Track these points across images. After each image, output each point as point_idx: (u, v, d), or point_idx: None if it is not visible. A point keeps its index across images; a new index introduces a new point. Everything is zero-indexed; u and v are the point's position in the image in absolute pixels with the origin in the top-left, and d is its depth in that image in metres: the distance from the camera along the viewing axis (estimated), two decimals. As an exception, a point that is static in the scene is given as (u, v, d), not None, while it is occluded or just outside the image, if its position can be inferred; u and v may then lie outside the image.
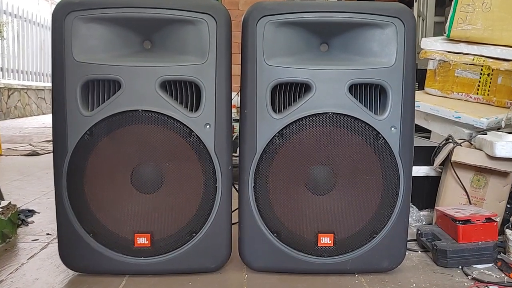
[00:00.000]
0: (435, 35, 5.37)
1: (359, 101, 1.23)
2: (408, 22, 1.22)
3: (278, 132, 1.22)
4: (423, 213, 1.76)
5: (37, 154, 3.64)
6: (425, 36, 5.25)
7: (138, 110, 1.19)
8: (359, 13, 1.22)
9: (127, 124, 1.20)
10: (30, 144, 4.27)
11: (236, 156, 1.27)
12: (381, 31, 1.23)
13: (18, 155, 3.63)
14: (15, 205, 1.61)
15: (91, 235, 1.23)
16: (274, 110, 1.23)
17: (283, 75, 1.22)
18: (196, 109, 1.22)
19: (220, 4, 1.25)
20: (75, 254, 1.25)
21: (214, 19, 1.20)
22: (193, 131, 1.21)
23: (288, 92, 1.24)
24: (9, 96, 6.72)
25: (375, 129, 1.23)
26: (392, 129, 1.24)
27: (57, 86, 1.19)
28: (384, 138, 1.23)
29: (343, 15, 1.22)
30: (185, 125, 1.20)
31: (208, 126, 1.22)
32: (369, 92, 1.24)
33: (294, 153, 1.23)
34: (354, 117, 1.22)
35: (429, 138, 2.32)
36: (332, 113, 1.22)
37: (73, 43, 1.19)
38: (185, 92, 1.22)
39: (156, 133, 1.21)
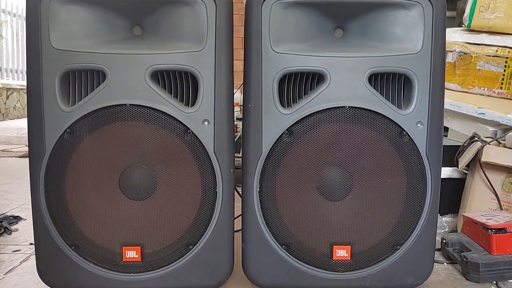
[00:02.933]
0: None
1: (380, 93, 1.07)
2: (436, 2, 1.06)
3: (287, 129, 1.06)
4: (446, 218, 1.60)
5: (32, 155, 3.50)
6: (435, 32, 5.09)
7: (125, 104, 1.03)
8: (380, -8, 1.06)
9: (113, 120, 1.04)
10: (26, 145, 4.13)
11: (239, 157, 1.11)
12: (406, 13, 1.07)
13: (12, 157, 3.49)
14: (-6, 212, 1.46)
15: (73, 248, 1.07)
16: (282, 104, 1.07)
17: (293, 63, 1.06)
18: (193, 104, 1.06)
19: (219, -18, 1.09)
20: (55, 270, 1.09)
21: (213, -1, 1.04)
22: (189, 129, 1.05)
23: (298, 83, 1.08)
24: (8, 97, 6.59)
25: (398, 125, 1.07)
26: (418, 125, 1.08)
27: (33, 78, 1.04)
28: (409, 136, 1.07)
29: (362, -6, 1.06)
30: (180, 121, 1.04)
31: (206, 123, 1.06)
32: (391, 83, 1.08)
33: (305, 153, 1.07)
34: (374, 111, 1.06)
35: (446, 136, 2.16)
36: (349, 107, 1.06)
37: (51, 28, 1.03)
38: (180, 83, 1.06)
39: (146, 131, 1.05)
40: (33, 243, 1.45)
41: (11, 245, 1.46)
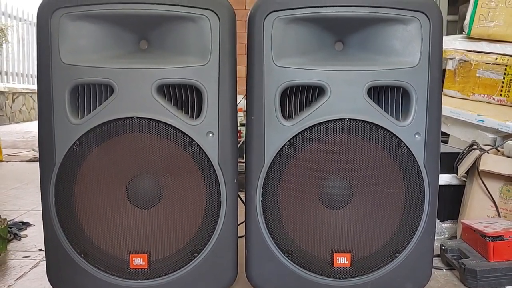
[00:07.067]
0: (448, 34, 5.21)
1: (379, 105, 1.10)
2: (434, 16, 1.09)
3: (288, 141, 1.10)
4: (446, 225, 1.63)
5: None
6: (438, 36, 5.09)
7: (132, 117, 1.07)
8: (378, 7, 1.09)
9: (121, 132, 1.08)
10: (33, 149, 4.18)
11: (242, 162, 1.14)
12: (404, 27, 1.10)
13: (19, 161, 3.54)
14: (5, 219, 1.50)
15: (82, 256, 1.11)
16: (284, 116, 1.11)
17: (294, 77, 1.09)
18: (197, 116, 1.09)
19: (223, -1, 1.13)
20: (65, 276, 1.13)
21: (217, 15, 1.08)
22: (194, 140, 1.08)
23: (299, 96, 1.11)
24: (13, 100, 6.65)
25: (397, 137, 1.10)
26: (416, 136, 1.11)
27: (43, 91, 1.08)
28: (407, 147, 1.10)
29: (361, 10, 1.09)
30: (185, 133, 1.08)
31: (210, 135, 1.09)
32: (390, 95, 1.11)
33: (306, 164, 1.10)
34: (373, 123, 1.09)
35: (446, 142, 2.18)
36: (348, 119, 1.09)
37: (61, 44, 1.07)
38: (185, 96, 1.10)
39: (153, 143, 1.08)
40: (42, 249, 1.50)
41: (21, 251, 1.50)
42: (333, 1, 1.09)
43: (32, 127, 6.10)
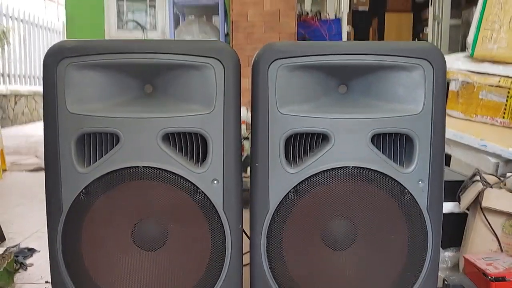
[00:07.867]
0: (450, 38, 5.22)
1: (382, 151, 1.11)
2: (437, 63, 1.10)
3: (293, 188, 1.11)
4: (448, 253, 1.64)
5: (42, 169, 3.56)
6: (441, 40, 5.11)
7: (138, 166, 1.08)
8: (382, 55, 1.09)
9: (127, 181, 1.08)
10: (36, 156, 4.20)
11: (246, 177, 1.15)
12: (407, 74, 1.10)
13: (22, 171, 3.56)
14: (11, 253, 1.51)
15: (90, 303, 1.12)
16: (289, 163, 1.11)
17: (299, 125, 1.10)
18: (203, 161, 1.10)
19: (227, 46, 1.13)
20: (72, 320, 1.14)
21: (221, 63, 1.08)
22: (199, 188, 1.09)
23: (304, 142, 1.12)
24: (16, 102, 6.67)
25: (400, 184, 1.11)
26: (420, 183, 1.12)
27: (50, 140, 1.09)
28: (410, 194, 1.11)
29: (365, 58, 1.09)
30: (190, 182, 1.09)
31: (215, 182, 1.10)
32: (393, 142, 1.12)
33: (310, 210, 1.11)
34: (377, 171, 1.10)
35: (448, 164, 2.18)
36: (352, 167, 1.10)
37: (67, 93, 1.07)
38: (190, 144, 1.11)
39: (158, 190, 1.09)
40: (48, 281, 1.52)
41: (27, 284, 1.52)
42: (337, 50, 1.09)
43: (34, 130, 6.12)
